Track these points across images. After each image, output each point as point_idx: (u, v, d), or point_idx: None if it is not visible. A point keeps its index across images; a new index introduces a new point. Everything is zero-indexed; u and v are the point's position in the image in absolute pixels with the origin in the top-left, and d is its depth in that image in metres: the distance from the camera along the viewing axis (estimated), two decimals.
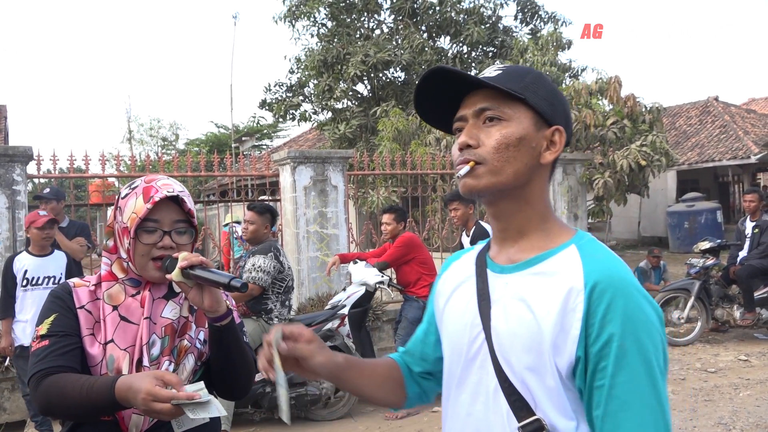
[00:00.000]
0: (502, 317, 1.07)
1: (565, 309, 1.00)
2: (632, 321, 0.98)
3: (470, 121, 1.10)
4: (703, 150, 18.49)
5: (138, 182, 1.57)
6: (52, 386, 1.39)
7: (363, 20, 15.00)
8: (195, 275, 1.42)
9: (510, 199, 1.11)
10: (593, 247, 1.07)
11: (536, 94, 1.09)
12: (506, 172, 1.07)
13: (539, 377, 1.02)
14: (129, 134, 28.56)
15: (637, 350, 0.97)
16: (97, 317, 1.51)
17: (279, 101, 15.56)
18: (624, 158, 9.15)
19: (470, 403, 1.11)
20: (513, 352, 1.04)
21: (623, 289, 0.99)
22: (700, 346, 7.14)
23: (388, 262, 5.31)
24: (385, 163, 7.36)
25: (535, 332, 1.02)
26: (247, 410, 4.82)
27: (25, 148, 5.49)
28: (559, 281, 1.03)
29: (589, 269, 1.02)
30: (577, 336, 0.99)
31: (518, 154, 1.07)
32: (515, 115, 1.08)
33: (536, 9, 15.35)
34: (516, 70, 1.12)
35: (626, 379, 0.96)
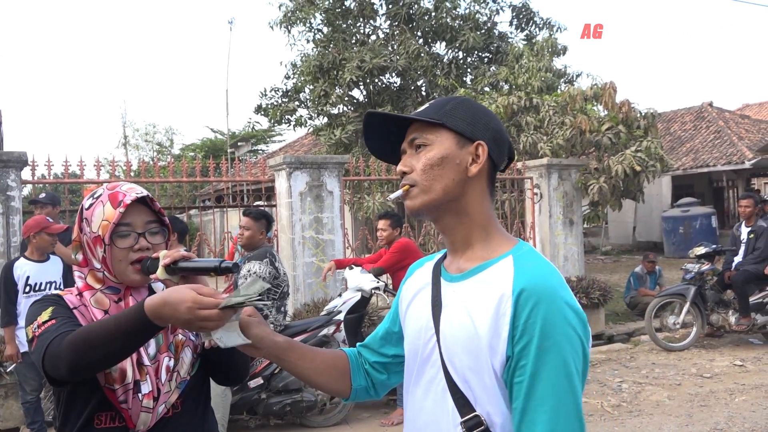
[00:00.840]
0: (448, 322, 1.19)
1: (498, 314, 1.11)
2: (552, 324, 1.07)
3: (408, 152, 1.26)
4: (697, 155, 18.57)
5: (100, 191, 1.57)
6: (77, 338, 1.32)
7: (359, 26, 15.02)
8: (181, 268, 1.40)
9: (449, 214, 1.23)
10: (528, 257, 1.18)
11: (454, 117, 1.22)
12: (435, 189, 1.21)
13: (478, 377, 1.13)
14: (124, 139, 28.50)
15: (555, 351, 1.07)
16: (90, 320, 1.51)
17: (275, 106, 15.55)
18: (619, 164, 9.17)
19: (422, 399, 1.24)
20: (456, 354, 1.16)
21: (546, 296, 1.09)
22: (696, 351, 7.15)
23: (384, 267, 5.31)
24: (381, 168, 7.36)
25: (473, 336, 1.13)
26: (243, 416, 4.81)
27: (20, 154, 5.47)
28: (493, 289, 1.14)
29: (518, 277, 1.12)
30: (506, 338, 1.10)
31: (443, 171, 1.21)
32: (437, 139, 1.22)
33: (531, 15, 15.40)
34: (439, 101, 1.27)
35: (544, 377, 1.06)
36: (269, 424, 4.94)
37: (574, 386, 1.08)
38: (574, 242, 8.61)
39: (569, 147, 9.97)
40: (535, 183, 8.46)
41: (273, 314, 4.69)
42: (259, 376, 4.69)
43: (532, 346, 1.07)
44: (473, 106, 1.26)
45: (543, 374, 1.06)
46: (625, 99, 10.18)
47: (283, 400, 4.77)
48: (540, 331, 1.07)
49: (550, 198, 8.43)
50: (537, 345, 1.07)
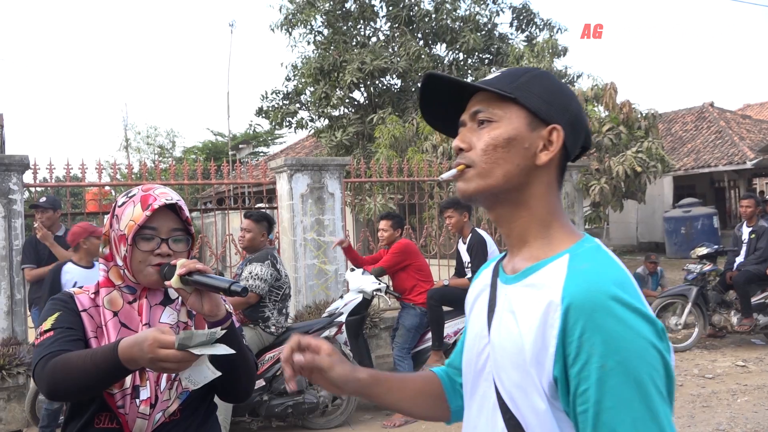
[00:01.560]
0: (497, 330, 1.03)
1: (545, 324, 0.94)
2: (615, 340, 0.88)
3: (467, 125, 1.08)
4: (699, 156, 18.55)
5: (135, 191, 1.60)
6: (57, 364, 1.39)
7: (359, 28, 15.04)
8: (194, 281, 1.43)
9: (506, 204, 1.06)
10: (586, 256, 0.99)
11: (530, 92, 1.04)
12: (495, 175, 1.03)
13: (526, 396, 0.96)
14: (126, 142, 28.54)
15: (623, 372, 0.87)
16: (99, 323, 1.54)
17: (275, 109, 15.57)
18: (620, 164, 9.17)
19: (476, 416, 1.08)
20: (503, 368, 1.00)
21: (603, 306, 0.90)
22: (698, 352, 7.14)
23: (385, 268, 5.31)
24: (382, 170, 7.37)
25: (519, 347, 0.97)
26: (245, 419, 4.80)
27: (22, 157, 5.48)
28: (542, 294, 0.97)
29: (570, 281, 0.94)
30: (553, 354, 0.92)
31: (508, 155, 1.03)
32: (506, 115, 1.04)
33: (532, 16, 15.41)
34: (513, 71, 1.08)
35: (613, 405, 0.87)
36: (271, 426, 4.94)
37: (655, 411, 0.87)
38: None
39: None
40: None
41: (275, 316, 4.70)
42: (261, 378, 4.69)
43: (592, 368, 0.88)
44: (553, 81, 1.08)
45: (609, 401, 0.87)
46: (626, 100, 10.19)
47: (284, 402, 4.78)
48: (601, 348, 0.87)
49: None
50: (598, 365, 0.87)
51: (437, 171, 7.80)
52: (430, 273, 5.60)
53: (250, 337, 4.60)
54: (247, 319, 4.66)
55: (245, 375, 1.60)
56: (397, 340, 5.29)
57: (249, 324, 4.66)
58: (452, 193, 7.69)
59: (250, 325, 4.66)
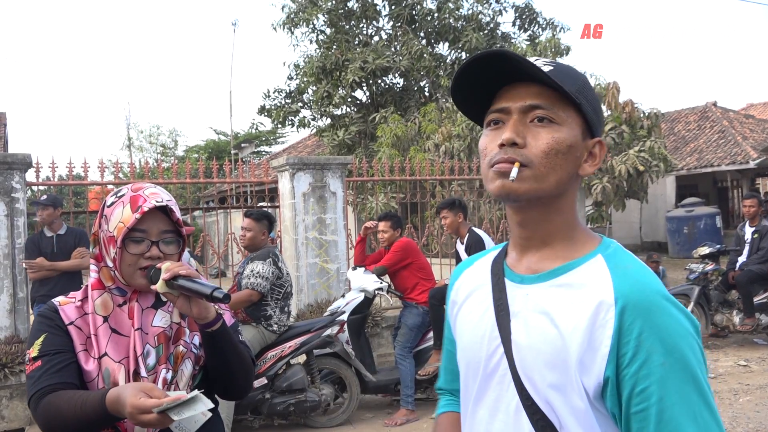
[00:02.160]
0: (524, 331, 1.01)
1: (594, 325, 0.93)
2: (672, 337, 0.90)
3: (515, 117, 1.01)
4: (701, 155, 18.52)
5: (124, 190, 1.55)
6: (50, 405, 1.39)
7: (362, 27, 15.04)
8: (179, 286, 1.41)
9: (543, 207, 1.03)
10: (621, 257, 1.01)
11: (588, 100, 1.02)
12: (550, 180, 1.00)
13: (564, 396, 0.95)
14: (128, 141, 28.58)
15: (682, 368, 0.90)
16: (88, 332, 1.50)
17: (278, 107, 15.59)
18: (622, 164, 9.17)
19: (488, 421, 1.05)
20: (536, 369, 0.98)
21: (658, 304, 0.92)
22: None
23: (386, 266, 5.31)
24: (384, 169, 7.37)
25: (559, 348, 0.96)
26: (246, 416, 4.81)
27: (24, 156, 5.49)
28: (586, 294, 0.96)
29: (619, 282, 0.95)
30: (606, 354, 0.92)
31: (565, 162, 1.00)
32: (568, 119, 1.01)
33: (534, 15, 15.40)
34: (569, 70, 1.03)
35: (677, 401, 0.89)
36: (273, 424, 4.95)
37: (708, 402, 0.90)
38: None
39: None
40: None
41: (277, 314, 4.70)
42: (263, 376, 4.70)
43: (653, 366, 0.89)
44: (595, 93, 1.06)
45: (672, 398, 0.89)
46: (629, 99, 10.19)
47: (287, 400, 4.78)
48: (662, 347, 0.90)
49: None
50: (661, 363, 0.89)
51: (439, 170, 7.80)
52: (432, 272, 5.59)
53: (252, 336, 4.61)
54: (249, 317, 4.67)
55: (242, 373, 1.59)
56: (398, 339, 5.29)
57: (251, 322, 4.66)
58: (453, 193, 7.69)
59: (252, 323, 4.66)
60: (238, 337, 1.62)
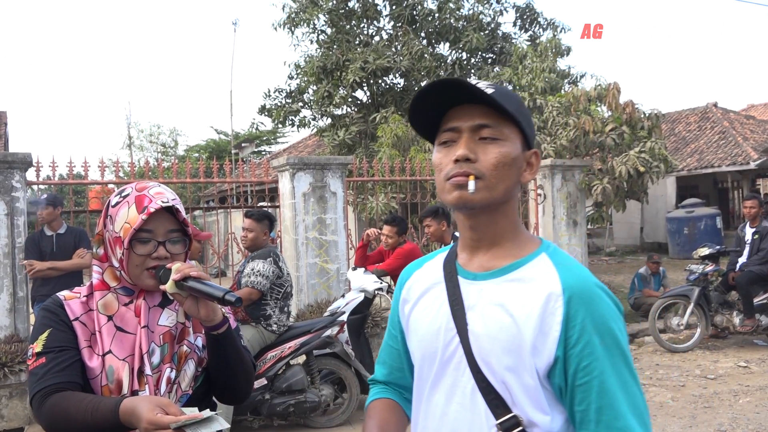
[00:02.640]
0: (480, 322, 1.14)
1: (545, 313, 1.09)
2: (607, 322, 1.08)
3: (466, 135, 1.15)
4: (702, 156, 18.52)
5: (129, 190, 1.54)
6: (56, 407, 1.38)
7: (362, 27, 15.03)
8: (189, 287, 1.41)
9: (491, 212, 1.18)
10: (561, 255, 1.18)
11: (525, 119, 1.18)
12: (499, 189, 1.15)
13: (518, 376, 1.10)
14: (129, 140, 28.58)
15: (615, 347, 1.08)
16: (93, 329, 1.49)
17: (278, 107, 15.57)
18: (623, 164, 9.14)
19: (445, 404, 1.17)
20: (493, 354, 1.12)
21: (596, 294, 1.10)
22: (700, 352, 7.13)
23: (387, 271, 5.31)
24: (384, 169, 7.36)
25: (514, 335, 1.10)
26: (246, 417, 4.81)
27: (24, 155, 5.49)
28: (536, 287, 1.12)
29: (564, 276, 1.12)
30: (557, 337, 1.08)
31: (510, 173, 1.16)
32: (510, 135, 1.16)
33: (535, 16, 15.38)
34: (508, 92, 1.18)
35: (612, 374, 1.07)
36: (272, 425, 4.95)
37: (634, 374, 1.10)
38: (577, 243, 8.60)
39: (573, 148, 9.96)
40: (538, 184, 8.46)
41: (276, 314, 4.70)
42: (263, 376, 4.70)
43: (593, 346, 1.07)
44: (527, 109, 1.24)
45: (610, 371, 1.07)
46: (629, 100, 10.16)
47: (286, 401, 4.78)
48: (599, 330, 1.07)
49: (554, 199, 8.42)
50: (599, 343, 1.07)
51: None
52: None
53: (251, 335, 4.60)
54: (249, 317, 4.67)
55: (243, 377, 1.58)
56: None
57: (251, 322, 4.66)
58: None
59: (251, 323, 4.66)
60: (240, 341, 1.62)
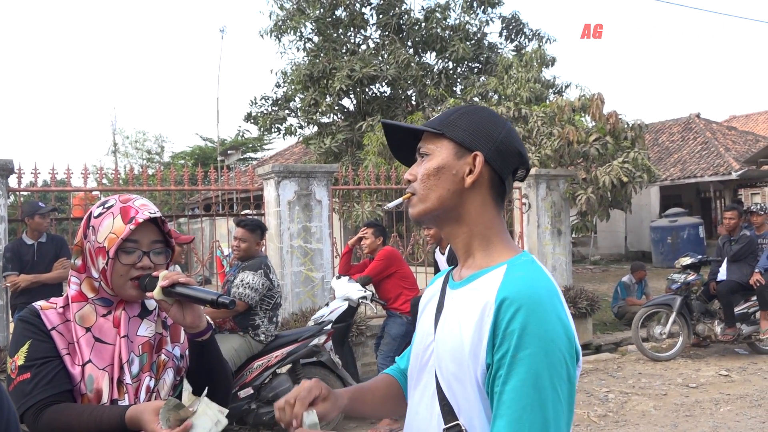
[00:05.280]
0: (441, 329, 1.20)
1: (481, 321, 1.10)
2: (529, 335, 1.05)
3: (417, 161, 1.26)
4: (685, 166, 18.73)
5: (112, 202, 1.56)
6: (55, 421, 1.38)
7: (349, 35, 15.08)
8: (177, 293, 1.42)
9: (448, 222, 1.24)
10: (522, 267, 1.16)
11: (456, 127, 1.22)
12: (431, 198, 1.22)
13: (461, 385, 1.12)
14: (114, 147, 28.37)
15: (527, 363, 1.04)
16: (70, 339, 1.50)
17: (264, 115, 15.55)
18: (606, 174, 9.23)
19: (417, 403, 1.25)
20: (443, 360, 1.16)
21: (528, 305, 1.07)
22: (682, 361, 7.19)
23: (370, 276, 5.31)
24: (370, 177, 7.38)
25: (458, 343, 1.13)
26: (232, 426, 4.78)
27: (6, 162, 5.44)
28: (480, 296, 1.14)
29: (504, 285, 1.11)
30: (486, 345, 1.09)
31: (439, 181, 1.21)
32: (437, 149, 1.22)
33: (521, 26, 15.52)
34: (448, 111, 1.27)
35: (511, 388, 1.04)
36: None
37: (543, 402, 1.04)
38: (562, 252, 8.65)
39: (557, 157, 10.04)
40: (523, 193, 8.51)
41: (265, 324, 4.68)
42: (249, 386, 4.67)
43: (507, 356, 1.05)
44: (480, 116, 1.24)
45: (510, 384, 1.05)
46: (613, 110, 10.28)
47: (272, 411, 4.75)
48: (516, 341, 1.05)
49: (539, 208, 8.47)
50: (512, 354, 1.05)
51: None
52: (415, 281, 5.60)
53: (239, 345, 4.58)
54: (237, 326, 4.64)
55: (223, 384, 1.60)
56: (382, 348, 5.29)
57: (238, 331, 4.63)
58: None
59: (239, 332, 4.63)
60: (220, 351, 1.63)
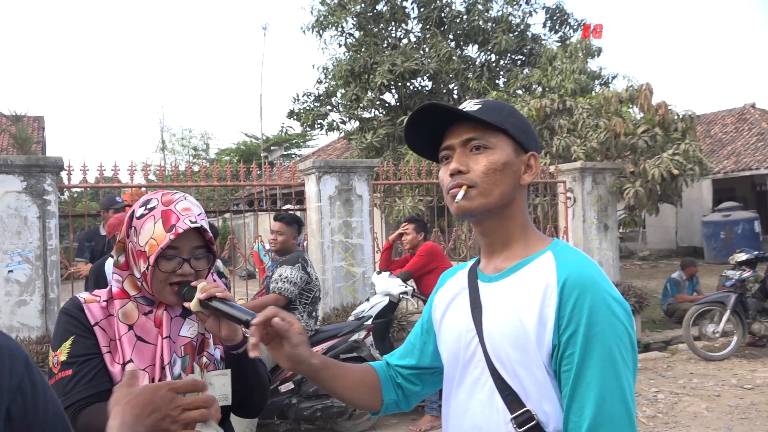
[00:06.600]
0: (492, 320, 1.21)
1: (543, 304, 1.14)
2: (597, 313, 1.11)
3: (458, 150, 1.25)
4: (739, 158, 18.06)
5: (154, 203, 1.52)
6: (91, 422, 1.36)
7: (390, 30, 15.03)
8: (213, 307, 1.40)
9: (496, 217, 1.26)
10: (567, 251, 1.23)
11: (513, 125, 1.25)
12: (494, 193, 1.23)
13: (528, 370, 1.15)
14: (162, 144, 29.08)
15: (600, 340, 1.10)
16: (112, 335, 1.49)
17: (307, 111, 15.66)
18: (656, 167, 8.94)
19: (467, 400, 1.24)
20: (503, 350, 1.18)
21: (590, 286, 1.13)
22: (737, 361, 6.91)
23: (411, 271, 5.27)
24: (411, 172, 7.32)
25: (519, 329, 1.16)
26: (273, 421, 4.81)
27: (56, 159, 5.59)
28: (537, 282, 1.17)
29: (561, 268, 1.17)
30: (552, 327, 1.13)
31: (503, 177, 1.23)
32: (499, 143, 1.24)
33: (565, 17, 15.20)
34: (493, 104, 1.28)
35: (591, 364, 1.10)
36: (299, 429, 4.94)
37: (618, 373, 1.10)
38: (608, 247, 8.42)
39: (603, 150, 9.78)
40: (568, 187, 8.32)
41: (304, 319, 4.69)
42: (290, 380, 4.69)
43: (579, 335, 1.10)
44: (522, 116, 1.30)
45: (589, 362, 1.10)
46: (662, 101, 9.95)
47: (313, 405, 4.76)
48: (586, 320, 1.10)
49: (584, 202, 8.27)
50: (584, 333, 1.10)
51: None
52: None
53: None
54: None
55: (259, 393, 1.58)
56: None
57: None
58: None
59: None
60: (256, 360, 1.60)
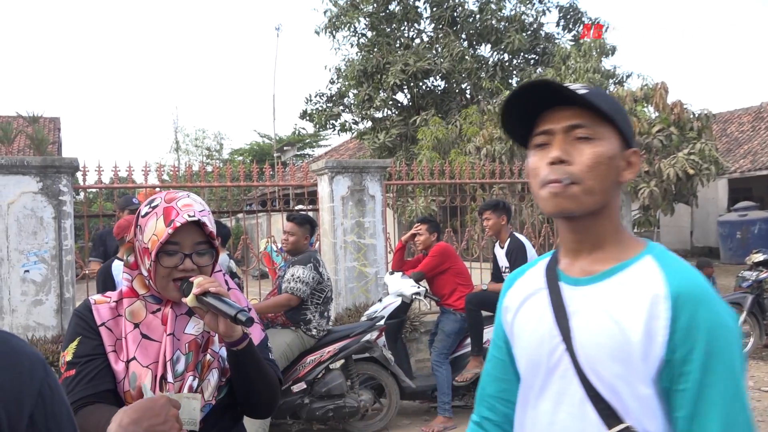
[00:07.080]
0: (585, 328, 1.11)
1: (651, 316, 1.04)
2: (715, 329, 1.02)
3: (560, 136, 1.12)
4: (756, 157, 17.85)
5: (158, 201, 1.54)
6: (84, 423, 1.37)
7: (403, 29, 15.02)
8: (207, 302, 1.41)
9: (593, 215, 1.13)
10: (668, 257, 1.12)
11: (621, 116, 1.13)
12: (597, 191, 1.11)
13: (629, 385, 1.06)
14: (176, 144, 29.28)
15: (722, 356, 1.01)
16: (119, 335, 1.51)
17: (319, 111, 15.70)
18: (671, 167, 8.87)
19: (552, 412, 1.14)
20: (599, 362, 1.08)
21: (705, 299, 1.04)
22: (753, 363, 6.83)
23: (424, 272, 5.26)
24: (424, 172, 7.31)
25: (621, 341, 1.06)
26: (286, 420, 4.82)
27: (71, 160, 5.64)
28: (641, 290, 1.07)
29: (671, 278, 1.06)
30: (663, 342, 1.03)
31: (608, 172, 1.11)
32: (606, 134, 1.12)
33: (579, 15, 15.10)
34: (601, 92, 1.14)
35: (713, 382, 1.01)
36: (311, 429, 4.95)
37: (742, 390, 1.03)
38: None
39: None
40: None
41: (316, 319, 4.69)
42: (303, 380, 4.70)
43: (697, 352, 1.01)
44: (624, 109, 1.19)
45: (712, 379, 1.01)
46: (678, 100, 9.86)
47: (326, 405, 4.76)
48: (705, 336, 1.01)
49: None
50: (703, 350, 1.01)
51: (480, 173, 7.70)
52: (470, 277, 5.51)
53: (291, 340, 4.61)
54: (289, 321, 4.67)
55: (266, 392, 1.56)
56: (435, 345, 5.23)
57: (290, 326, 4.67)
58: (494, 196, 7.56)
59: (291, 327, 4.66)
60: (267, 354, 1.60)
